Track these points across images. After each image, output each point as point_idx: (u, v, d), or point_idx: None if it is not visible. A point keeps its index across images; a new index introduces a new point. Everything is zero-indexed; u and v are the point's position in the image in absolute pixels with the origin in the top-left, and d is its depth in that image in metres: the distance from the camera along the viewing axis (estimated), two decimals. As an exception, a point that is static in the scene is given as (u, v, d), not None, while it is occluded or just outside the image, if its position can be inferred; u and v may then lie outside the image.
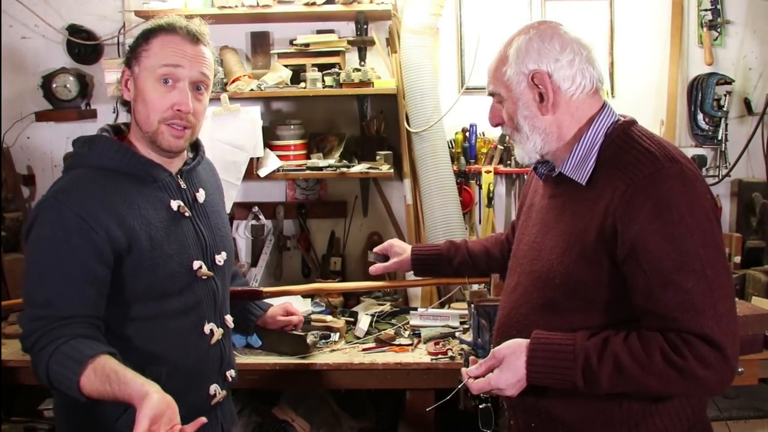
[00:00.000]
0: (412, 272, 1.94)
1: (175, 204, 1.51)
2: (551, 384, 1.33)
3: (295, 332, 2.22)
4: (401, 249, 1.92)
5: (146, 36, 1.48)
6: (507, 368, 1.35)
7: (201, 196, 1.59)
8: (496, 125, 1.50)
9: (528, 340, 1.35)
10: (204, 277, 1.55)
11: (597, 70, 1.41)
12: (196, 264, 1.52)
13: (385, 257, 1.94)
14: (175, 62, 1.45)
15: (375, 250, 1.96)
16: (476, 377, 1.39)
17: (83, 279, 1.38)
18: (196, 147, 1.65)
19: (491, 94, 1.48)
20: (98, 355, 1.31)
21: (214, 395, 1.60)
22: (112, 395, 1.28)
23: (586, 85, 1.39)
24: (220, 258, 1.60)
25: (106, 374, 1.29)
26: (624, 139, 1.36)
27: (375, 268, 1.93)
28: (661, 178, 1.27)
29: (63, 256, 1.37)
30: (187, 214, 1.53)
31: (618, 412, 1.35)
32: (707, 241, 1.25)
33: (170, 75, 1.45)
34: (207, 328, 1.56)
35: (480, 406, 1.52)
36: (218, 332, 1.59)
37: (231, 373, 1.67)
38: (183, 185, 1.55)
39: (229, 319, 1.67)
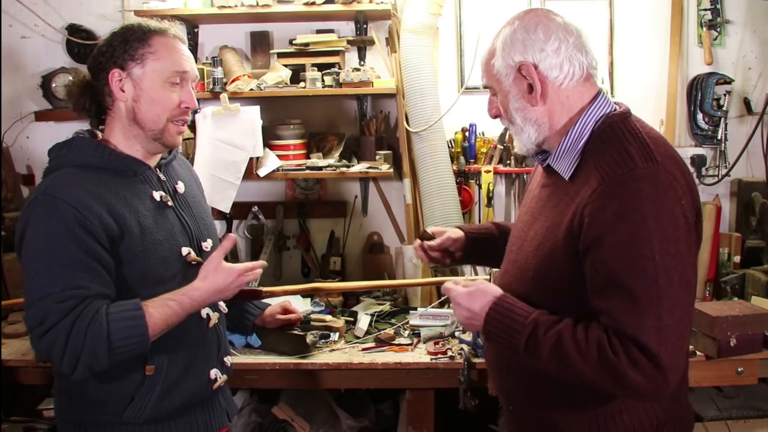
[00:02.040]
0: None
1: (157, 194, 1.56)
2: (498, 340, 1.37)
3: (294, 332, 2.22)
4: (455, 233, 1.79)
5: (143, 38, 1.52)
6: (471, 299, 1.40)
7: (181, 187, 1.64)
8: (494, 117, 1.50)
9: (499, 294, 1.39)
10: (194, 263, 1.59)
11: (589, 55, 1.39)
12: (185, 250, 1.57)
13: (432, 237, 1.80)
14: (184, 68, 1.55)
15: (430, 230, 1.82)
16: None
17: (95, 260, 1.41)
18: None
19: (486, 87, 1.49)
20: (139, 301, 1.43)
21: (215, 379, 1.64)
22: (179, 307, 1.46)
23: (575, 72, 1.37)
24: (207, 245, 1.65)
25: (160, 300, 1.45)
26: (608, 135, 1.34)
27: (421, 254, 1.80)
28: (632, 178, 1.25)
29: (68, 244, 1.39)
30: (170, 203, 1.58)
31: (585, 406, 1.38)
32: (667, 248, 1.22)
33: (179, 78, 1.55)
34: (203, 312, 1.61)
35: None
36: (214, 316, 1.65)
37: (228, 360, 1.73)
38: (162, 177, 1.61)
39: (222, 304, 1.71)
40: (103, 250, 1.42)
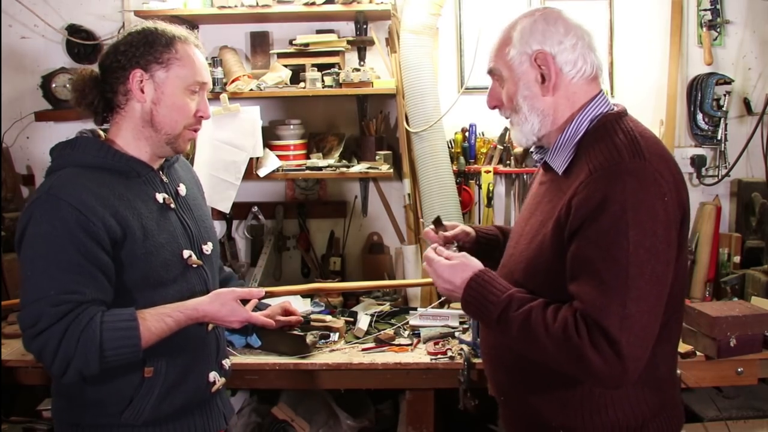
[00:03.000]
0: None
1: (160, 196, 1.56)
2: (473, 312, 1.42)
3: (294, 332, 2.22)
4: (467, 228, 1.77)
5: (169, 43, 1.52)
6: (452, 271, 1.43)
7: (182, 190, 1.65)
8: (493, 107, 1.50)
9: (480, 269, 1.43)
10: (194, 266, 1.59)
11: (597, 57, 1.43)
12: (186, 253, 1.57)
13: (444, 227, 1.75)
14: (204, 79, 1.57)
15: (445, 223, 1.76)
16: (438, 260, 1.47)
17: (93, 265, 1.41)
18: None
19: (490, 72, 1.48)
20: (135, 311, 1.42)
21: (214, 382, 1.64)
22: (175, 324, 1.46)
23: (586, 70, 1.41)
24: (207, 248, 1.65)
25: (157, 315, 1.45)
26: (601, 132, 1.37)
27: (433, 236, 1.71)
28: (617, 172, 1.28)
29: (67, 247, 1.39)
30: (172, 205, 1.58)
31: (572, 399, 1.40)
32: (643, 241, 1.24)
33: (199, 87, 1.56)
34: None
35: None
36: None
37: (226, 362, 1.72)
38: (165, 179, 1.61)
39: None
40: (103, 254, 1.42)
